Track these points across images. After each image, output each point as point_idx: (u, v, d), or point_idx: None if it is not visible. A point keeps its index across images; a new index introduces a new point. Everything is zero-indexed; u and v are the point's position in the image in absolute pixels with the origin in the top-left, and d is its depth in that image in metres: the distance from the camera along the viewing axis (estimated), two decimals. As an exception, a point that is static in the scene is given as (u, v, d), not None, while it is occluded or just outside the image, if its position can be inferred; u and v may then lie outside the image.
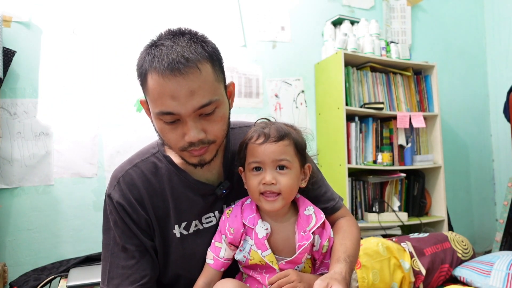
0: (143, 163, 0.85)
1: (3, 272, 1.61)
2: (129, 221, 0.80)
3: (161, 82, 0.69)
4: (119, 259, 0.81)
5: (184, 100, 0.69)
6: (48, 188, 1.82)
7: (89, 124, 1.91)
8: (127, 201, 0.81)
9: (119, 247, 0.81)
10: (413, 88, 2.44)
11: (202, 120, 0.73)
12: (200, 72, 0.69)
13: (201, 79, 0.70)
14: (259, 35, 2.31)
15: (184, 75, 0.68)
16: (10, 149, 1.76)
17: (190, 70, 0.68)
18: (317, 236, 0.85)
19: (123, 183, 0.83)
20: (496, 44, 2.99)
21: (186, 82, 0.68)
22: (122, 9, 2.01)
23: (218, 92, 0.74)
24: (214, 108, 0.73)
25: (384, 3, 2.65)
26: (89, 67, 1.93)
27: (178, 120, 0.72)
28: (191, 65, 0.68)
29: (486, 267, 1.67)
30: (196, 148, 0.74)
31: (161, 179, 0.83)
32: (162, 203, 0.83)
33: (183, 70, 0.68)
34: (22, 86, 1.81)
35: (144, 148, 0.89)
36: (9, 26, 1.78)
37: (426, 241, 1.84)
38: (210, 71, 0.72)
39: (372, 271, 1.59)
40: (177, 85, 0.68)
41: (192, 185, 0.84)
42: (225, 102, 0.77)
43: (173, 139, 0.74)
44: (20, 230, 1.76)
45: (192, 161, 0.78)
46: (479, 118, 3.00)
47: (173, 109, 0.70)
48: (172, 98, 0.69)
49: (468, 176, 2.93)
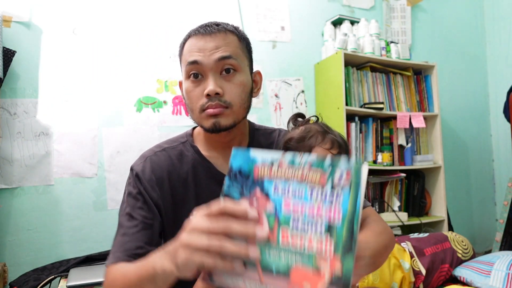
0: (171, 149, 0.90)
1: (3, 272, 1.61)
2: (143, 192, 0.84)
3: (193, 41, 0.82)
4: (123, 227, 0.82)
5: (209, 52, 0.80)
6: (48, 188, 1.82)
7: (89, 124, 1.91)
8: (146, 176, 0.85)
9: (127, 216, 0.83)
10: (413, 88, 2.44)
11: (222, 79, 0.81)
12: (226, 35, 0.82)
13: (227, 40, 0.82)
14: (259, 35, 2.31)
15: (213, 36, 0.81)
16: (10, 149, 1.76)
17: (219, 33, 0.82)
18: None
19: (149, 162, 0.88)
20: (496, 44, 2.99)
21: (213, 39, 0.81)
22: (122, 9, 2.01)
23: (241, 59, 0.84)
24: (234, 70, 0.82)
25: (384, 3, 2.65)
26: (89, 67, 1.93)
27: (202, 77, 0.81)
28: (221, 29, 0.82)
29: (486, 267, 1.67)
30: (213, 103, 0.79)
31: (186, 166, 0.88)
32: (182, 189, 0.87)
33: (213, 32, 0.81)
34: (22, 86, 1.81)
35: (174, 137, 0.95)
36: (9, 26, 1.78)
37: (426, 241, 1.84)
38: (237, 40, 0.84)
39: (372, 271, 1.59)
40: (205, 41, 0.81)
41: (215, 176, 0.88)
42: (247, 75, 0.86)
43: (195, 96, 0.81)
44: (20, 230, 1.76)
45: (207, 125, 0.82)
46: (479, 118, 3.00)
47: (198, 59, 0.80)
48: (199, 51, 0.80)
49: (468, 176, 2.93)
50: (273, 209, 0.53)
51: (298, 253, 0.50)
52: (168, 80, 2.06)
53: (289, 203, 0.52)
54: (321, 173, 0.52)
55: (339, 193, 0.51)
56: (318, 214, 0.51)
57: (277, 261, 0.51)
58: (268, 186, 0.54)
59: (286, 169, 0.54)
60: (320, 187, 0.52)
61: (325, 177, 0.52)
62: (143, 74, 2.02)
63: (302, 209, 0.52)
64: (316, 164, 0.53)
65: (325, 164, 0.52)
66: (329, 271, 0.49)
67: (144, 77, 2.02)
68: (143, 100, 2.01)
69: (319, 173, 0.52)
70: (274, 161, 0.54)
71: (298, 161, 0.53)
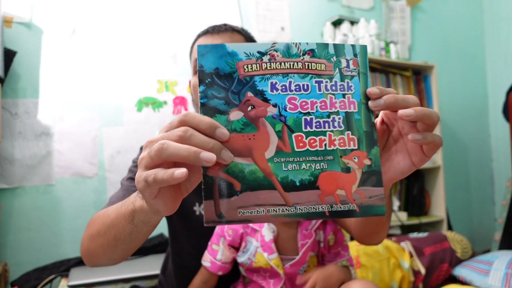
0: None
1: (5, 271, 1.61)
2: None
3: (202, 40, 0.89)
4: (114, 197, 0.82)
5: None
6: (49, 187, 1.82)
7: (89, 124, 1.91)
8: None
9: (121, 188, 0.85)
10: (413, 88, 2.45)
11: None
12: (233, 34, 0.89)
13: (233, 39, 0.89)
14: (259, 35, 2.31)
15: (220, 34, 0.88)
16: (11, 149, 1.77)
17: (226, 32, 0.88)
18: (321, 232, 0.84)
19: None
20: (495, 44, 3.00)
21: (220, 37, 0.88)
22: (123, 9, 2.01)
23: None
24: None
25: (384, 3, 2.66)
26: (90, 67, 1.93)
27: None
28: (228, 28, 0.89)
29: (485, 267, 1.67)
30: None
31: None
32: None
33: (220, 31, 0.88)
34: (23, 86, 1.81)
35: None
36: (10, 26, 1.79)
37: (425, 241, 1.84)
38: (243, 40, 0.91)
39: (371, 270, 1.60)
40: (213, 39, 0.88)
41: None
42: None
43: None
44: (21, 229, 1.77)
45: None
46: (478, 118, 3.01)
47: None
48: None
49: (467, 176, 2.93)
50: (276, 110, 0.44)
51: (321, 156, 0.43)
52: (168, 81, 2.06)
53: (295, 101, 0.44)
54: (325, 63, 0.45)
55: (349, 83, 0.46)
56: (332, 108, 0.45)
57: (298, 172, 0.43)
58: (262, 85, 0.44)
59: (281, 62, 0.45)
60: (328, 79, 0.45)
61: (331, 66, 0.45)
62: (144, 74, 2.02)
63: (312, 105, 0.44)
64: (318, 53, 0.45)
65: (329, 52, 0.46)
66: (359, 169, 0.44)
67: (144, 77, 2.03)
68: (144, 100, 2.02)
69: (323, 63, 0.45)
70: (263, 54, 0.44)
71: (295, 51, 0.45)
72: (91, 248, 0.63)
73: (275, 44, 0.45)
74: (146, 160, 0.40)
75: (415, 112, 0.43)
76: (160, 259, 1.47)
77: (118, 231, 0.55)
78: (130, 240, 0.55)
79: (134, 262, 1.66)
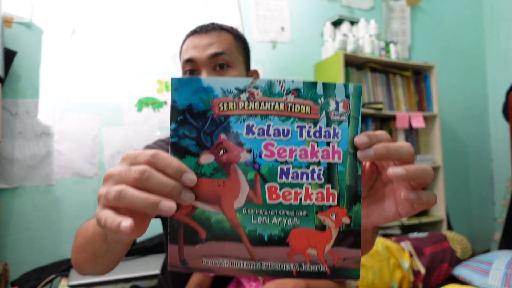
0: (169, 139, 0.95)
1: (5, 271, 1.62)
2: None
3: (190, 40, 0.86)
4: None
5: (203, 48, 0.83)
6: (49, 187, 1.82)
7: (90, 124, 1.91)
8: (158, 147, 0.90)
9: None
10: (413, 88, 2.45)
11: (215, 74, 0.84)
12: (220, 33, 0.85)
13: (221, 37, 0.85)
14: (259, 35, 2.31)
15: (208, 33, 0.85)
16: (12, 149, 1.77)
17: (213, 31, 0.85)
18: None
19: (159, 142, 0.94)
20: (495, 44, 3.00)
21: (207, 37, 0.84)
22: (123, 9, 2.01)
23: (235, 56, 0.85)
24: (227, 66, 0.84)
25: (384, 3, 2.66)
26: (90, 67, 1.93)
27: (196, 73, 0.84)
28: (215, 27, 0.86)
29: (485, 266, 1.68)
30: None
31: None
32: None
33: (208, 30, 0.85)
34: (23, 86, 1.81)
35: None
36: (10, 26, 1.79)
37: (425, 241, 1.84)
38: (231, 38, 0.87)
39: (371, 270, 1.60)
40: (200, 39, 0.84)
41: None
42: (241, 71, 0.87)
43: None
44: (21, 229, 1.77)
45: None
46: (478, 118, 3.01)
47: (192, 55, 0.83)
48: (194, 48, 0.84)
49: (467, 176, 2.94)
50: (250, 157, 0.39)
51: (294, 211, 0.40)
52: (168, 81, 2.06)
53: (272, 147, 0.40)
54: (311, 104, 0.40)
55: (336, 129, 0.40)
56: (313, 158, 0.40)
57: (267, 226, 0.39)
58: (237, 127, 0.40)
59: (261, 102, 0.40)
60: (312, 123, 0.40)
61: (317, 109, 0.40)
62: (144, 74, 2.02)
63: (291, 153, 0.40)
64: (304, 92, 0.40)
65: (317, 92, 0.40)
66: (336, 228, 0.40)
67: (144, 77, 2.03)
68: (144, 100, 2.02)
69: (309, 104, 0.40)
70: (241, 90, 0.40)
71: (278, 89, 0.40)
72: (77, 260, 0.63)
73: (256, 80, 0.40)
74: (103, 199, 0.37)
75: (407, 172, 0.39)
76: (160, 259, 1.47)
77: (95, 247, 0.53)
78: (107, 257, 0.53)
79: (134, 262, 1.66)
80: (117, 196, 0.36)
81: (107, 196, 0.37)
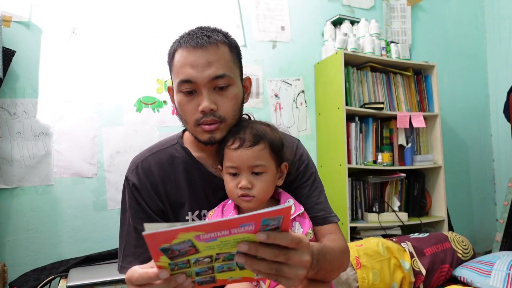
0: (161, 152, 0.91)
1: (3, 272, 1.61)
2: (142, 203, 0.85)
3: (185, 55, 0.80)
4: (132, 238, 0.85)
5: (202, 69, 0.79)
6: (48, 188, 1.81)
7: (89, 124, 1.90)
8: (142, 185, 0.86)
9: (131, 227, 0.86)
10: (413, 88, 2.44)
11: (215, 94, 0.81)
12: (218, 48, 0.81)
13: (219, 54, 0.80)
14: (259, 35, 2.30)
15: (204, 49, 0.79)
16: (10, 149, 1.76)
17: (210, 46, 0.80)
18: (297, 224, 0.84)
19: (141, 168, 0.88)
20: (496, 44, 2.99)
21: (205, 54, 0.79)
22: (122, 9, 2.00)
23: (234, 72, 0.83)
24: (228, 85, 0.81)
25: (384, 3, 2.65)
26: (89, 67, 1.93)
27: (195, 92, 0.81)
28: (212, 41, 0.80)
29: (486, 267, 1.67)
30: (208, 119, 0.80)
31: (177, 168, 0.89)
32: (175, 191, 0.88)
33: (204, 45, 0.79)
34: (22, 86, 1.81)
35: (165, 140, 0.95)
36: (9, 26, 1.78)
37: (426, 241, 1.84)
38: (228, 52, 0.83)
39: (372, 271, 1.59)
40: (197, 56, 0.79)
41: (206, 177, 0.89)
42: (238, 86, 0.85)
43: (189, 111, 0.82)
44: (20, 230, 1.76)
45: (203, 138, 0.83)
46: (480, 118, 3.00)
47: (191, 77, 0.79)
48: (191, 67, 0.79)
49: (468, 176, 2.92)
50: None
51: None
52: (168, 80, 2.06)
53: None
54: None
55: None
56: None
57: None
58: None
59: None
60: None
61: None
62: (143, 74, 2.02)
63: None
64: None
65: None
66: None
67: (144, 77, 2.02)
68: (143, 100, 2.01)
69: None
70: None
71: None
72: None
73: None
74: None
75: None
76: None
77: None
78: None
79: (133, 262, 1.65)
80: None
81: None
